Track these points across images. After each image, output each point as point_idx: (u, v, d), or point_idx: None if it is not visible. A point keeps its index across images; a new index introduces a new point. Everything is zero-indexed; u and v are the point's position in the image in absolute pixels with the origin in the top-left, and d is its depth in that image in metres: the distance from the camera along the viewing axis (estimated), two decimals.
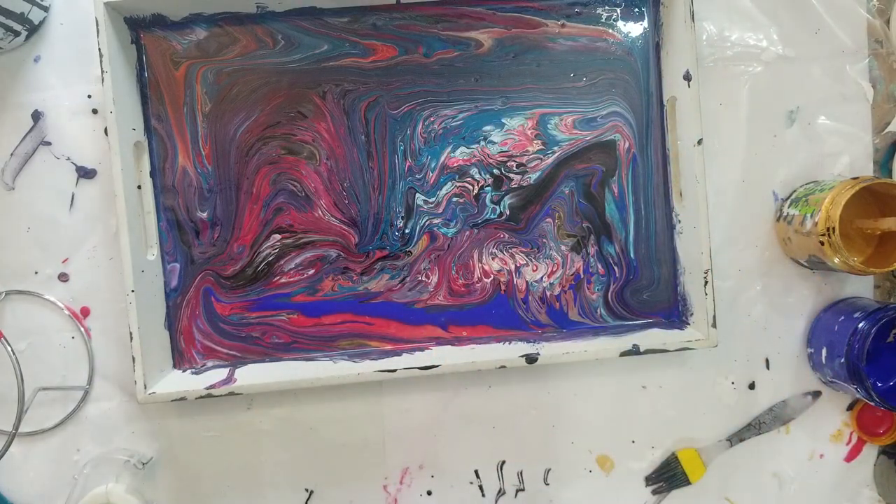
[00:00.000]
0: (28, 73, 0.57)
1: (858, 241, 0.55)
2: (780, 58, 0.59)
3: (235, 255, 0.57)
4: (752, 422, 0.60)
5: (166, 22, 0.56)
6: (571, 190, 0.58)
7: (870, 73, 0.59)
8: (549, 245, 0.58)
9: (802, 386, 0.60)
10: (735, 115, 0.59)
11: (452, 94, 0.58)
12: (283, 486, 0.59)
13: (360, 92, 0.57)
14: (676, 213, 0.57)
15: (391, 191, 0.58)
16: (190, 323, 0.58)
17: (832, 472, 0.60)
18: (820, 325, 0.59)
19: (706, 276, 0.54)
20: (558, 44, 0.58)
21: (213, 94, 0.57)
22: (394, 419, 0.59)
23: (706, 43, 0.59)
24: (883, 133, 0.59)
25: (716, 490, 0.60)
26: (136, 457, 0.58)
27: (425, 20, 0.57)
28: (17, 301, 0.58)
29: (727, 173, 0.59)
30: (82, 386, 0.58)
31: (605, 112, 0.58)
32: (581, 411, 0.60)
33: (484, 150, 0.58)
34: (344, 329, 0.58)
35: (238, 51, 0.57)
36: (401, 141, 0.58)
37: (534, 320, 0.58)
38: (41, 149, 0.58)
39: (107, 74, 0.52)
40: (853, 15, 0.59)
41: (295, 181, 0.57)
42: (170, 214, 0.57)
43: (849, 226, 0.54)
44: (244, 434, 0.59)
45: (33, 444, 0.58)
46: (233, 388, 0.53)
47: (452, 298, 0.58)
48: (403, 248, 0.58)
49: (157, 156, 0.57)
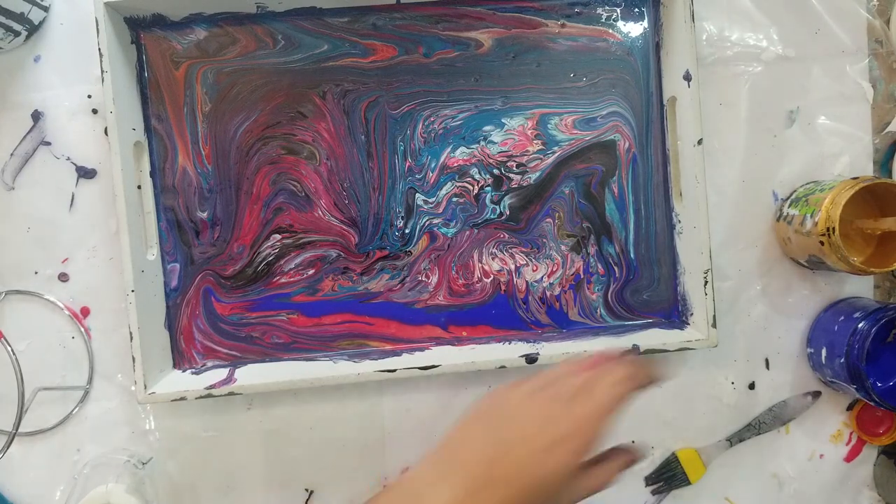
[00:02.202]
0: (28, 73, 0.57)
1: (858, 241, 0.55)
2: (780, 58, 0.59)
3: (235, 255, 0.57)
4: (752, 422, 0.60)
5: (166, 22, 0.56)
6: (571, 190, 0.58)
7: (870, 73, 0.59)
8: (549, 245, 0.58)
9: (802, 386, 0.60)
10: (735, 115, 0.59)
11: (452, 94, 0.58)
12: (283, 486, 0.59)
13: (360, 92, 0.57)
14: (676, 213, 0.57)
15: (391, 191, 0.58)
16: (190, 323, 0.58)
17: (832, 472, 0.60)
18: (820, 325, 0.59)
19: (706, 276, 0.54)
20: (558, 44, 0.58)
21: (213, 94, 0.57)
22: (394, 419, 0.59)
23: (706, 43, 0.59)
24: (883, 133, 0.59)
25: (716, 490, 0.60)
26: (136, 457, 0.58)
27: (425, 20, 0.57)
28: (17, 301, 0.58)
29: (727, 173, 0.59)
30: (82, 386, 0.58)
31: (605, 112, 0.58)
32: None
33: (484, 150, 0.58)
34: (344, 329, 0.58)
35: (238, 51, 0.57)
36: (401, 141, 0.58)
37: (534, 320, 0.58)
38: (41, 149, 0.58)
39: (107, 74, 0.52)
40: (853, 15, 0.59)
41: (295, 181, 0.57)
42: (170, 214, 0.57)
43: (849, 226, 0.54)
44: (244, 434, 0.59)
45: (33, 444, 0.58)
46: (233, 388, 0.53)
47: (452, 298, 0.58)
48: (403, 248, 0.58)
49: (157, 156, 0.57)
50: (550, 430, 0.38)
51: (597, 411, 0.39)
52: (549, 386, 0.41)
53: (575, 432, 0.38)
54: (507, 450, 0.38)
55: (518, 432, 0.39)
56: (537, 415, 0.39)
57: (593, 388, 0.40)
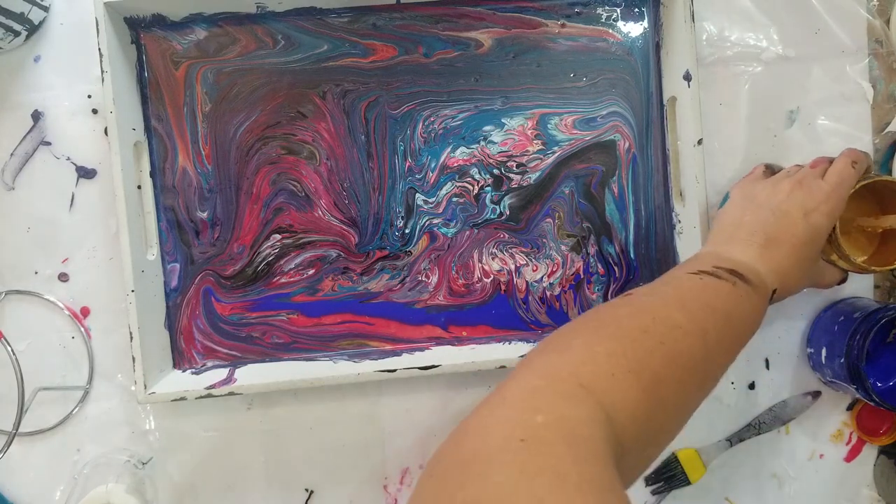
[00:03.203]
0: (28, 73, 0.57)
1: (860, 239, 0.55)
2: (780, 58, 0.59)
3: (235, 255, 0.57)
4: (752, 422, 0.60)
5: (166, 22, 0.56)
6: (571, 190, 0.58)
7: (870, 73, 0.59)
8: (549, 245, 0.58)
9: (802, 386, 0.60)
10: (735, 115, 0.59)
11: (452, 94, 0.58)
12: (283, 486, 0.59)
13: (360, 92, 0.57)
14: (676, 213, 0.57)
15: (391, 191, 0.58)
16: (190, 323, 0.57)
17: (832, 472, 0.60)
18: (820, 325, 0.59)
19: None
20: (558, 44, 0.58)
21: (213, 94, 0.57)
22: (394, 419, 0.59)
23: (706, 43, 0.59)
24: (883, 133, 0.59)
25: (716, 490, 0.60)
26: (136, 457, 0.58)
27: (425, 20, 0.57)
28: (17, 301, 0.58)
29: (727, 173, 0.59)
30: (82, 386, 0.58)
31: (605, 112, 0.58)
32: None
33: (484, 150, 0.58)
34: (344, 329, 0.58)
35: (238, 51, 0.57)
36: (401, 141, 0.58)
37: (534, 320, 0.58)
38: (41, 149, 0.58)
39: (107, 74, 0.52)
40: (853, 15, 0.59)
41: (295, 181, 0.57)
42: (170, 214, 0.57)
43: (850, 224, 0.54)
44: (244, 434, 0.59)
45: (33, 444, 0.58)
46: (233, 388, 0.53)
47: (452, 298, 0.58)
48: (403, 248, 0.58)
49: (157, 156, 0.57)
50: (805, 201, 0.47)
51: (838, 184, 0.48)
52: (788, 174, 0.51)
53: (824, 200, 0.47)
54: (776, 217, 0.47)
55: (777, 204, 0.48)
56: (787, 189, 0.49)
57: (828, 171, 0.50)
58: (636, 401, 0.34)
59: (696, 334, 0.38)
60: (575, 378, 0.33)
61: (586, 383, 0.33)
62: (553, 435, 0.29)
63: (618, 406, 0.33)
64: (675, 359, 0.36)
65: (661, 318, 0.38)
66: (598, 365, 0.34)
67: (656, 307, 0.39)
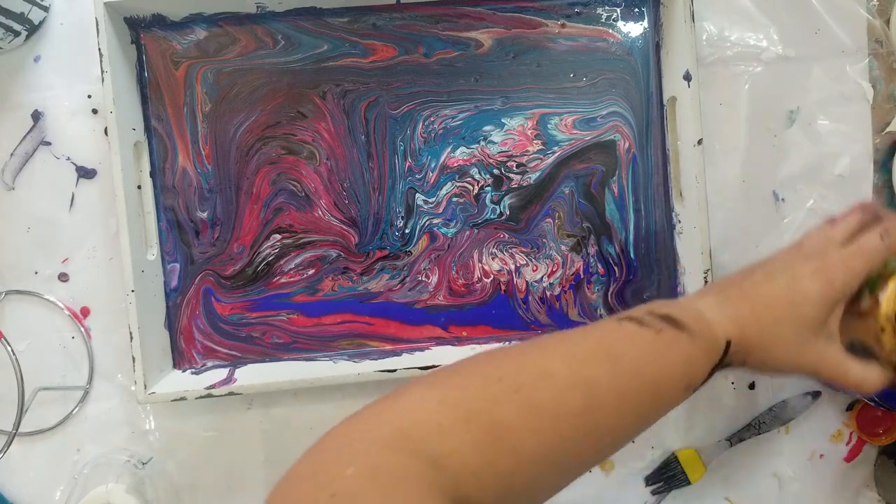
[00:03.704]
0: (28, 73, 0.57)
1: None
2: (780, 58, 0.59)
3: (235, 255, 0.58)
4: (752, 422, 0.60)
5: (166, 22, 0.56)
6: (571, 190, 0.58)
7: (870, 73, 0.59)
8: (549, 245, 0.58)
9: (802, 386, 0.60)
10: (735, 115, 0.59)
11: (452, 94, 0.58)
12: None
13: (360, 92, 0.57)
14: (676, 213, 0.57)
15: (391, 191, 0.58)
16: (190, 323, 0.58)
17: (832, 472, 0.60)
18: None
19: (706, 276, 0.54)
20: (558, 44, 0.58)
21: (213, 94, 0.57)
22: None
23: (706, 43, 0.59)
24: (883, 133, 0.59)
25: (716, 490, 0.60)
26: (136, 457, 0.58)
27: (425, 20, 0.57)
28: (17, 301, 0.58)
29: (727, 173, 0.59)
30: (82, 386, 0.58)
31: (605, 112, 0.58)
32: None
33: (484, 150, 0.58)
34: (344, 329, 0.58)
35: (238, 51, 0.57)
36: (401, 141, 0.58)
37: (534, 320, 0.58)
38: (41, 149, 0.58)
39: (107, 74, 0.52)
40: (853, 15, 0.59)
41: (295, 181, 0.57)
42: (170, 214, 0.57)
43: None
44: (244, 434, 0.59)
45: (33, 444, 0.58)
46: (233, 388, 0.53)
47: (452, 298, 0.58)
48: (403, 248, 0.58)
49: (157, 156, 0.57)
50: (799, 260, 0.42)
51: (854, 254, 0.42)
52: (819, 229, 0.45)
53: (835, 267, 0.41)
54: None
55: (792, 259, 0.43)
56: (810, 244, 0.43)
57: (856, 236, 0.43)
58: (471, 449, 0.32)
59: (576, 385, 0.35)
60: (395, 426, 0.32)
61: (408, 432, 0.32)
62: (361, 486, 0.29)
63: (445, 454, 0.32)
64: (534, 408, 0.34)
65: (530, 366, 0.36)
66: (428, 413, 0.33)
67: (531, 355, 0.37)
